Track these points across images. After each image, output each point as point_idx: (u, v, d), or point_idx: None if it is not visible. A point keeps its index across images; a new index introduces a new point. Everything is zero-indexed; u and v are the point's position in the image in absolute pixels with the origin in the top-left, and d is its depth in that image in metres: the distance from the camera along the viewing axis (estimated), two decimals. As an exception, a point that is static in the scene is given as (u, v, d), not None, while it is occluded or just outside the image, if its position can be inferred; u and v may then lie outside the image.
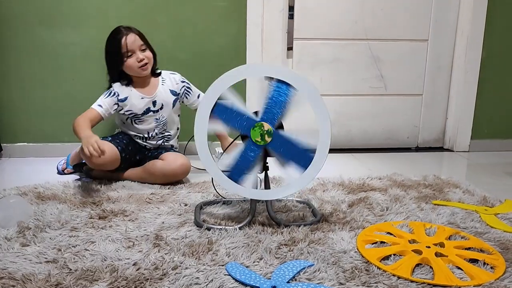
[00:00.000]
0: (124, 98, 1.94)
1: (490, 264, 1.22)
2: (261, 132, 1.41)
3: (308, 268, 1.19)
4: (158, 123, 2.01)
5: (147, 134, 2.00)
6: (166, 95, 2.00)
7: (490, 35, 2.50)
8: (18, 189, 1.75)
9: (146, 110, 1.97)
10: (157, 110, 1.99)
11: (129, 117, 1.97)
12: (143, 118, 1.98)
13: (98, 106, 1.90)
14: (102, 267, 1.18)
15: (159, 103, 1.98)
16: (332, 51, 2.48)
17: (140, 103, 1.95)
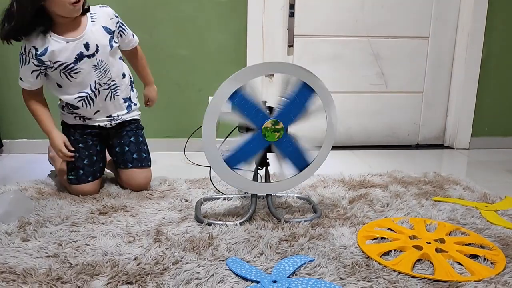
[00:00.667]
0: (45, 49, 1.54)
1: (491, 259, 1.23)
2: (274, 129, 1.41)
3: (309, 263, 1.19)
4: (99, 70, 1.63)
5: (90, 90, 1.63)
6: (99, 34, 1.61)
7: (491, 33, 2.50)
8: (18, 184, 1.75)
9: (79, 55, 1.57)
10: (93, 54, 1.60)
11: (62, 71, 1.58)
12: (78, 67, 1.59)
13: (20, 80, 1.63)
14: (102, 261, 1.18)
15: (92, 45, 1.59)
16: (333, 48, 2.48)
17: (67, 49, 1.56)
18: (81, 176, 1.68)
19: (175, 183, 1.82)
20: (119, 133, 1.78)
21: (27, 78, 1.60)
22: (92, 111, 1.69)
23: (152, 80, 1.92)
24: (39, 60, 1.56)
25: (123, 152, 1.77)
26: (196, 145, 2.38)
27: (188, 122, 2.38)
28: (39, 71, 1.59)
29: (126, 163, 1.76)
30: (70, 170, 1.69)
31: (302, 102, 1.44)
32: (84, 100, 1.65)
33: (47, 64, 1.57)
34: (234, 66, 2.38)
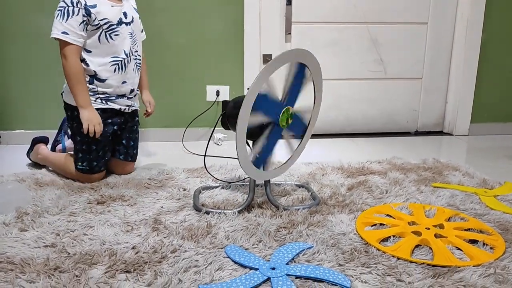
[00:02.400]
0: (93, 5, 1.59)
1: (490, 244, 1.22)
2: (287, 116, 1.42)
3: (308, 250, 1.18)
4: (132, 39, 1.72)
5: (124, 55, 1.68)
6: (132, 10, 1.74)
7: (490, 18, 2.47)
8: (16, 175, 1.74)
9: (119, 20, 1.66)
10: (129, 23, 1.70)
11: (104, 30, 1.62)
12: (119, 30, 1.65)
13: (64, 34, 1.57)
14: (100, 251, 1.17)
15: (129, 16, 1.70)
16: (331, 35, 2.45)
17: (112, 11, 1.64)
18: (94, 167, 1.69)
19: (173, 172, 1.81)
20: (130, 125, 1.82)
21: (75, 30, 1.57)
22: (121, 79, 1.70)
23: (148, 85, 1.93)
24: (87, 11, 1.57)
25: (129, 145, 1.82)
26: (194, 135, 2.38)
27: (186, 111, 2.37)
28: (86, 23, 1.58)
29: (127, 156, 1.81)
30: (82, 161, 1.68)
31: (300, 81, 1.44)
32: (118, 65, 1.68)
33: (93, 18, 1.59)
34: (231, 55, 2.37)
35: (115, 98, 1.72)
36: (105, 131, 1.70)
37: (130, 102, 1.78)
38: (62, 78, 2.27)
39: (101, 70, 1.66)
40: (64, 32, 1.57)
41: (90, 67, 1.65)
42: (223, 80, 2.39)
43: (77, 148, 1.70)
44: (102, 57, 1.65)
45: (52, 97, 2.29)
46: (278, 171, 1.53)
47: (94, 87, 1.67)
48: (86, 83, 1.64)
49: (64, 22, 1.56)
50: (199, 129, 2.39)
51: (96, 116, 1.64)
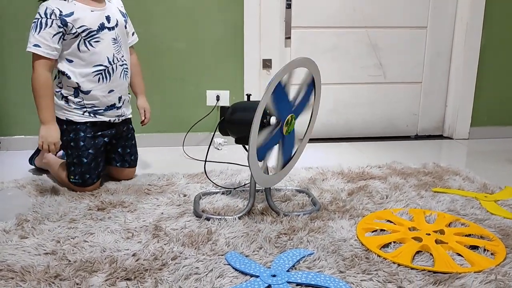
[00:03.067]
0: (70, 13, 1.53)
1: (491, 250, 1.22)
2: (290, 123, 1.41)
3: (308, 257, 1.18)
4: (116, 44, 1.65)
5: (107, 63, 1.62)
6: (117, 13, 1.68)
7: (490, 22, 2.48)
8: (16, 181, 1.74)
9: (101, 25, 1.59)
10: (113, 27, 1.63)
11: (83, 37, 1.56)
12: (99, 36, 1.59)
13: (35, 47, 1.51)
14: (101, 258, 1.17)
15: (113, 19, 1.64)
16: (331, 40, 2.46)
17: (91, 17, 1.58)
18: (87, 180, 1.66)
19: (174, 178, 1.81)
20: (124, 134, 1.80)
21: (48, 43, 1.52)
22: (108, 88, 1.65)
23: (144, 90, 1.90)
24: (63, 21, 1.53)
25: (125, 153, 1.81)
26: (195, 139, 2.38)
27: (186, 116, 2.38)
28: (61, 34, 1.54)
29: (124, 163, 1.81)
30: (74, 174, 1.66)
31: (308, 95, 1.46)
32: (102, 74, 1.62)
33: (70, 27, 1.54)
34: (231, 59, 2.37)
35: (103, 110, 1.68)
36: (95, 143, 1.68)
37: (120, 111, 1.73)
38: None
39: (84, 81, 1.61)
40: (36, 45, 1.52)
41: (72, 79, 1.60)
42: (223, 85, 2.39)
43: (68, 161, 1.68)
44: (84, 67, 1.60)
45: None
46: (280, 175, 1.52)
47: (80, 100, 1.63)
48: (52, 98, 1.59)
49: (36, 35, 1.52)
50: (199, 134, 2.39)
51: (53, 135, 1.58)
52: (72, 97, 1.63)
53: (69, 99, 1.64)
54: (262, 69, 2.42)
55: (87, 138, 1.66)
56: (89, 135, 1.67)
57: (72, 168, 1.66)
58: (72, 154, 1.66)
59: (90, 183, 1.67)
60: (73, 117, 1.65)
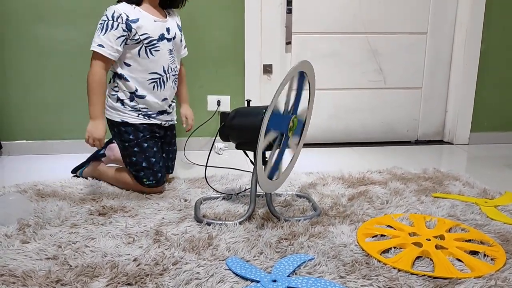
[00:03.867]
0: (136, 19, 1.61)
1: (491, 256, 1.23)
2: (293, 123, 1.43)
3: (309, 262, 1.19)
4: (172, 55, 1.73)
5: (162, 72, 1.69)
6: (175, 27, 1.76)
7: (489, 28, 2.49)
8: (17, 186, 1.75)
9: (161, 36, 1.67)
10: (171, 39, 1.71)
11: (145, 44, 1.64)
12: (159, 46, 1.66)
13: (100, 47, 1.59)
14: (102, 263, 1.18)
15: (172, 32, 1.72)
16: (331, 45, 2.47)
17: (154, 26, 1.65)
18: (160, 179, 1.71)
19: (174, 183, 1.82)
20: (168, 139, 1.84)
21: (111, 44, 1.59)
22: (162, 96, 1.72)
23: (188, 98, 1.96)
24: (128, 25, 1.59)
25: (168, 158, 1.84)
26: (196, 144, 2.38)
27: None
28: (125, 37, 1.60)
29: (168, 168, 1.83)
30: (148, 176, 1.69)
31: (301, 88, 1.46)
32: (156, 82, 1.69)
33: (134, 33, 1.61)
34: (232, 64, 2.38)
35: (156, 114, 1.74)
36: (155, 142, 1.74)
37: (170, 117, 1.81)
38: (64, 89, 2.30)
39: (140, 86, 1.68)
40: (100, 45, 1.59)
41: (130, 82, 1.66)
42: (224, 90, 2.40)
43: (136, 168, 1.69)
44: (141, 73, 1.66)
45: (53, 107, 2.31)
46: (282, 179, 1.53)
47: (135, 104, 1.69)
48: (103, 96, 1.65)
49: (102, 35, 1.58)
50: (200, 139, 2.40)
51: (99, 131, 1.62)
52: (127, 100, 1.69)
53: (124, 102, 1.69)
54: (263, 74, 2.43)
55: (148, 139, 1.71)
56: (148, 135, 1.72)
57: (142, 173, 1.69)
58: (139, 158, 1.69)
59: (163, 182, 1.72)
60: (129, 119, 1.70)
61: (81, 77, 2.28)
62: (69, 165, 1.96)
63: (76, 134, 2.32)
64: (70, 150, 2.30)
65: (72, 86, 2.29)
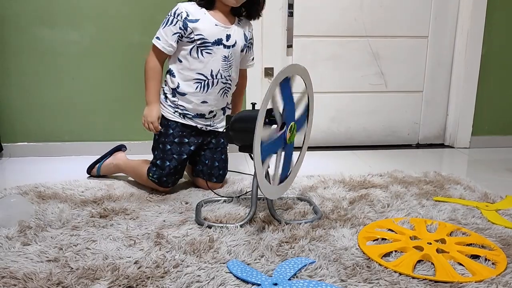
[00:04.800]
0: (195, 19, 1.64)
1: (492, 260, 1.22)
2: (293, 129, 1.41)
3: (310, 265, 1.19)
4: (226, 62, 1.70)
5: (209, 75, 1.69)
6: (240, 36, 1.74)
7: (490, 31, 2.49)
8: (19, 188, 1.75)
9: (217, 40, 1.67)
10: (229, 47, 1.70)
11: (197, 45, 1.65)
12: (212, 49, 1.66)
13: (156, 39, 1.67)
14: (103, 265, 1.18)
15: (233, 39, 1.70)
16: (332, 48, 2.47)
17: (212, 29, 1.66)
18: (163, 182, 1.72)
19: (176, 186, 1.81)
20: (211, 146, 1.81)
21: (166, 38, 1.65)
22: (202, 98, 1.71)
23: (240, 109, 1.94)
24: (185, 24, 1.63)
25: (213, 166, 1.80)
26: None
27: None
28: (180, 35, 1.65)
29: (211, 177, 1.80)
30: (153, 172, 1.72)
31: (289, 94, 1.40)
32: (201, 83, 1.69)
33: (189, 32, 1.64)
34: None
35: (192, 116, 1.73)
36: (181, 150, 1.73)
37: (209, 122, 1.78)
38: (65, 91, 2.30)
39: (184, 84, 1.70)
40: (157, 38, 1.67)
41: (175, 78, 1.70)
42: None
43: (153, 161, 1.74)
44: (189, 71, 1.69)
45: (55, 109, 2.31)
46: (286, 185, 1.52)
47: (175, 100, 1.72)
48: (159, 83, 1.71)
49: (161, 29, 1.66)
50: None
51: (153, 115, 1.69)
52: (170, 95, 1.73)
53: (167, 96, 1.74)
54: (264, 77, 2.44)
55: (174, 144, 1.73)
56: (177, 140, 1.73)
57: (154, 168, 1.73)
58: (157, 154, 1.74)
59: (165, 186, 1.73)
60: (165, 113, 1.74)
61: (82, 79, 2.29)
62: (70, 167, 1.97)
63: (77, 136, 2.33)
64: (71, 152, 2.31)
65: (74, 88, 2.29)
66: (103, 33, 2.23)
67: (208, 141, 1.80)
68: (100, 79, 2.29)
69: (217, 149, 1.82)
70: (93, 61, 2.27)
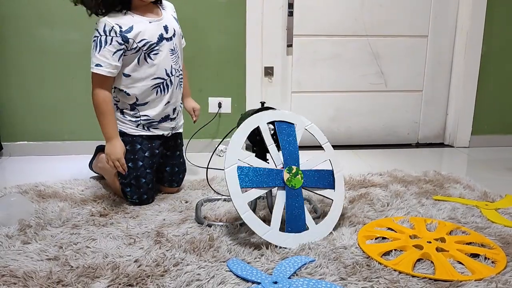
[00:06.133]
0: (130, 28, 1.49)
1: (491, 258, 1.23)
2: (293, 176, 1.36)
3: (310, 264, 1.19)
4: (174, 55, 1.61)
5: (165, 75, 1.59)
6: (172, 21, 1.63)
7: (490, 31, 2.49)
8: (19, 187, 1.75)
9: (160, 37, 1.55)
10: (171, 38, 1.59)
11: (144, 51, 1.53)
12: (158, 48, 1.55)
13: (97, 67, 1.48)
14: (103, 264, 1.18)
15: (170, 29, 1.60)
16: (332, 48, 2.47)
17: (151, 29, 1.54)
18: (145, 200, 1.62)
19: (175, 184, 1.82)
20: (173, 151, 1.75)
21: (109, 61, 1.48)
22: (164, 101, 1.61)
23: (190, 91, 1.88)
24: (124, 37, 1.48)
25: (173, 172, 1.75)
26: (196, 146, 2.38)
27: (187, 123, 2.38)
28: (123, 50, 1.50)
29: (173, 183, 1.76)
30: (132, 194, 1.61)
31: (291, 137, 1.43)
32: (159, 87, 1.59)
33: (131, 42, 1.50)
34: (233, 67, 2.39)
35: (157, 122, 1.64)
36: (153, 163, 1.65)
37: (174, 123, 1.70)
38: (65, 90, 2.30)
39: (141, 95, 1.58)
40: (97, 65, 1.49)
41: (130, 95, 1.58)
42: (225, 92, 2.41)
43: (125, 182, 1.61)
44: (142, 81, 1.56)
45: (54, 109, 2.31)
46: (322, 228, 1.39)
47: (135, 113, 1.61)
48: (113, 114, 1.56)
49: (97, 54, 1.48)
50: (201, 141, 2.40)
51: (117, 151, 1.53)
52: (127, 110, 1.61)
53: (124, 112, 1.62)
54: (264, 76, 2.44)
55: (146, 158, 1.62)
56: (147, 153, 1.63)
57: (128, 188, 1.61)
58: (130, 174, 1.60)
59: (147, 203, 1.63)
60: (127, 130, 1.62)
61: (82, 78, 2.29)
62: (70, 166, 1.97)
63: (77, 135, 2.33)
64: (71, 151, 2.31)
65: (74, 88, 2.29)
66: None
67: (169, 145, 1.74)
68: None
69: (177, 153, 1.76)
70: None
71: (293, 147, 1.41)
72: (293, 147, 1.41)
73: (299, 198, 1.36)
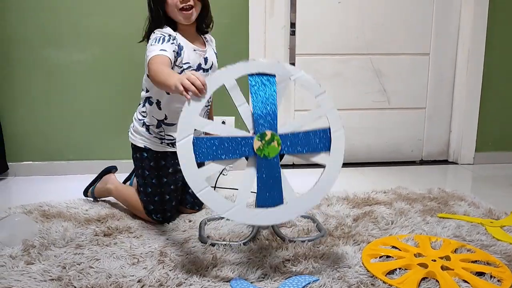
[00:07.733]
0: (182, 46, 1.55)
1: (497, 277, 1.21)
2: (267, 143, 1.18)
3: (313, 283, 1.18)
4: None
5: None
6: (213, 56, 1.68)
7: (492, 47, 2.51)
8: (23, 207, 1.75)
9: (198, 65, 1.60)
10: (207, 70, 1.63)
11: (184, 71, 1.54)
12: None
13: (162, 51, 1.46)
14: (106, 284, 1.17)
15: (209, 62, 1.64)
16: (334, 66, 2.49)
17: (193, 55, 1.58)
18: (169, 218, 1.63)
19: (179, 204, 1.82)
20: None
21: (171, 52, 1.48)
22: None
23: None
24: (180, 48, 1.53)
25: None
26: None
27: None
28: (175, 55, 1.51)
29: (195, 205, 1.74)
30: (155, 212, 1.61)
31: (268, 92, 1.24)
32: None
33: (180, 58, 1.53)
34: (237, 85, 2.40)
35: None
36: (177, 179, 1.64)
37: None
38: (70, 109, 2.32)
39: (170, 115, 1.60)
40: (162, 49, 1.46)
41: (162, 110, 1.60)
42: (228, 111, 2.41)
43: (149, 199, 1.61)
44: (176, 102, 1.57)
45: (59, 129, 2.33)
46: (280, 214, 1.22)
47: (161, 131, 1.62)
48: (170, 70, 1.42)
49: (160, 44, 1.48)
50: (205, 160, 2.40)
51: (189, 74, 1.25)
52: (153, 127, 1.62)
53: (150, 128, 1.62)
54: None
55: (170, 174, 1.63)
56: (171, 169, 1.63)
57: (152, 206, 1.61)
58: (154, 191, 1.61)
59: (171, 220, 1.64)
60: (152, 146, 1.63)
61: (87, 99, 2.32)
62: (74, 186, 1.97)
63: (82, 155, 2.34)
64: (76, 171, 2.32)
65: (78, 108, 2.32)
66: (106, 53, 2.26)
67: None
68: (105, 98, 2.32)
69: None
70: (98, 81, 2.30)
71: (270, 107, 1.19)
72: (270, 107, 1.19)
73: (274, 169, 1.17)
